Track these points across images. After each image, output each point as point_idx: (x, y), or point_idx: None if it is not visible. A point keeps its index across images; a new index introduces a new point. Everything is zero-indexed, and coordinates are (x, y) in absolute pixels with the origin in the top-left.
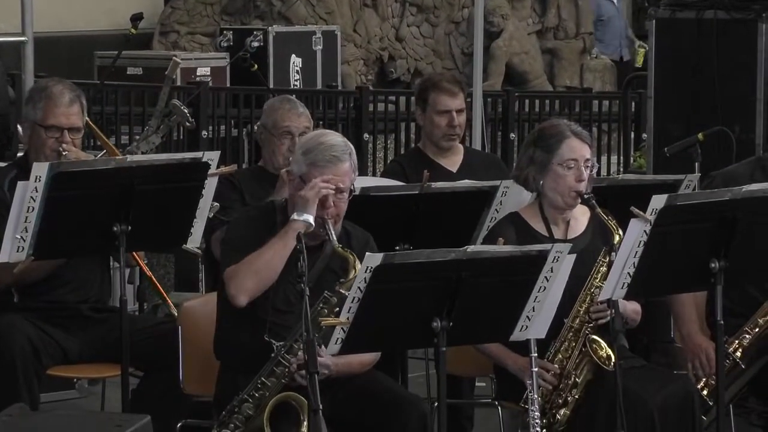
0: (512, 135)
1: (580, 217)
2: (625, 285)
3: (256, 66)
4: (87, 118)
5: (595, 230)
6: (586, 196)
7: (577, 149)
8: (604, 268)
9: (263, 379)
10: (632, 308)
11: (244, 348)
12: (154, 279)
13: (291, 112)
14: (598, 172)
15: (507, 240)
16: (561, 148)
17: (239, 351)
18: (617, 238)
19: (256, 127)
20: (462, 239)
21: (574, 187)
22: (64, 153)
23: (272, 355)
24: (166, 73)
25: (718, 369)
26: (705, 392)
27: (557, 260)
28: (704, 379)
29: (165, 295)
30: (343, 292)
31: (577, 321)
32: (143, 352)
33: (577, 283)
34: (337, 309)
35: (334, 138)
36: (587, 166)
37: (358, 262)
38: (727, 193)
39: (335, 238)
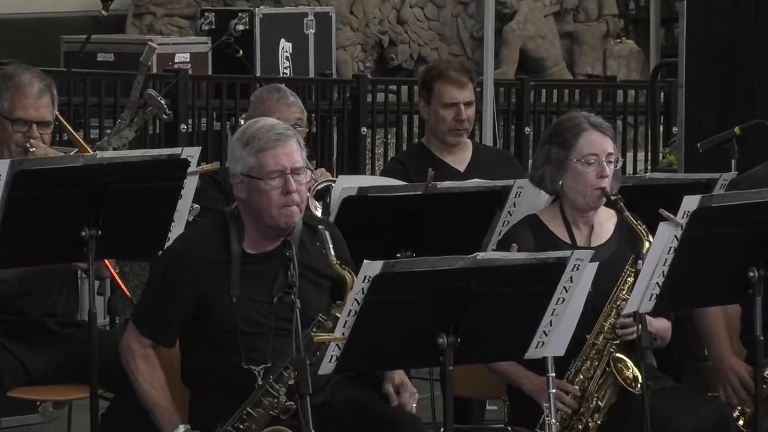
0: (527, 129)
1: (606, 223)
2: (653, 296)
3: (241, 52)
4: (57, 112)
5: (622, 237)
6: (613, 198)
7: (597, 142)
8: (631, 279)
9: (249, 409)
10: (661, 326)
11: (217, 376)
12: (126, 291)
13: (281, 102)
14: (623, 170)
15: (523, 246)
16: (579, 143)
17: (211, 379)
18: (647, 245)
19: (241, 120)
20: (471, 245)
21: (596, 183)
22: (31, 149)
23: (258, 383)
24: (140, 59)
25: (757, 395)
26: (741, 422)
27: (578, 269)
28: (739, 407)
29: (132, 299)
30: (339, 316)
31: (601, 337)
32: (114, 371)
33: (602, 296)
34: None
35: (270, 120)
36: (610, 161)
37: (355, 281)
38: None
39: (333, 252)
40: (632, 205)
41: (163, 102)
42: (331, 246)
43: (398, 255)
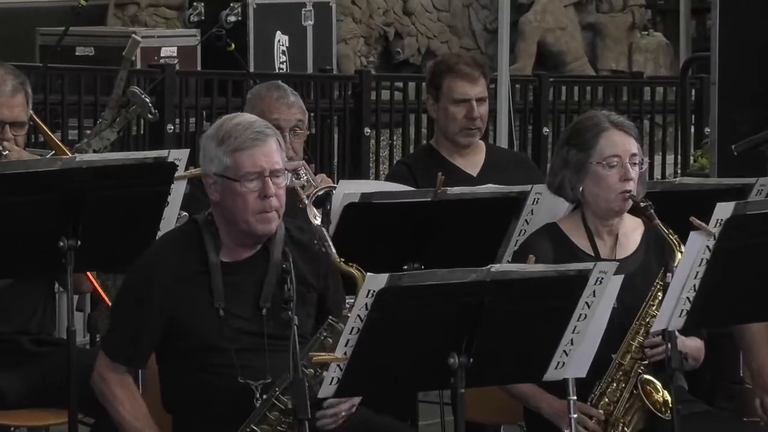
0: (545, 130)
1: (632, 233)
2: (684, 313)
3: (233, 45)
4: (31, 111)
5: (650, 248)
6: (642, 204)
7: (619, 143)
8: (660, 294)
9: (253, 426)
10: (693, 345)
11: (203, 396)
12: (105, 297)
13: (280, 102)
14: (651, 175)
15: (542, 257)
16: (599, 144)
17: (197, 400)
18: (679, 256)
19: None
20: (484, 257)
21: (620, 187)
22: (4, 152)
23: (261, 397)
24: (123, 54)
25: None
26: None
27: (601, 282)
28: None
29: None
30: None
31: (628, 357)
32: (93, 392)
33: (629, 312)
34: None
35: (247, 117)
36: (634, 163)
37: (364, 278)
38: None
39: (334, 250)
40: (660, 213)
41: (147, 100)
42: (330, 243)
43: (405, 267)
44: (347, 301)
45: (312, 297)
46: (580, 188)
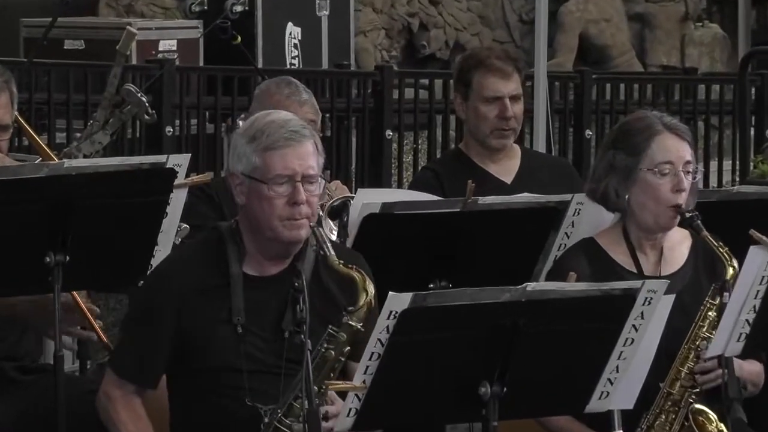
0: (588, 132)
1: (678, 246)
2: (743, 336)
3: (239, 38)
4: (16, 113)
5: (699, 262)
6: (687, 215)
7: (673, 148)
8: (712, 313)
9: None
10: (752, 370)
11: (214, 420)
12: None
13: (291, 99)
14: (706, 182)
15: (578, 277)
16: (650, 148)
17: (208, 425)
18: (730, 271)
19: (239, 121)
20: (520, 274)
21: (671, 199)
22: None
23: (264, 421)
24: (117, 47)
25: None
26: None
27: (649, 303)
28: None
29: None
30: (353, 324)
31: (677, 386)
32: (85, 425)
33: (676, 335)
34: (347, 348)
35: (284, 114)
36: (687, 171)
37: (368, 282)
38: None
39: (332, 251)
40: (716, 225)
41: (144, 99)
42: (329, 244)
43: (431, 286)
44: (347, 308)
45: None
46: (626, 197)
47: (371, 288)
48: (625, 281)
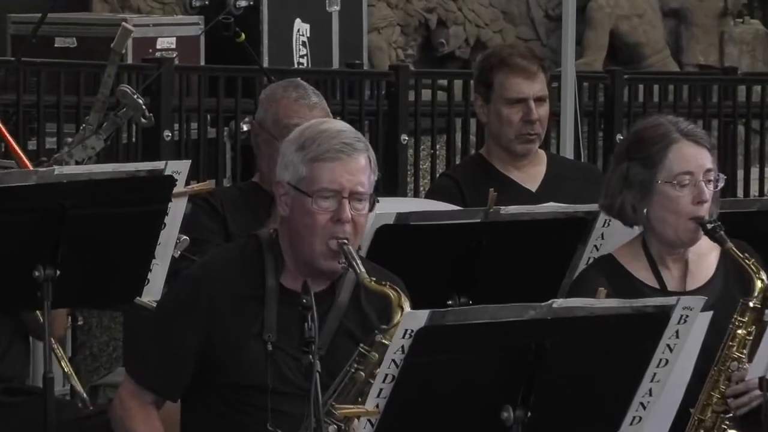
0: (619, 136)
1: (705, 256)
2: None
3: (243, 36)
4: None
5: (730, 273)
6: (709, 226)
7: (691, 157)
8: (742, 332)
9: None
10: None
11: None
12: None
13: (300, 103)
14: (746, 191)
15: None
16: (667, 159)
17: None
18: (759, 284)
19: (244, 126)
20: (545, 290)
21: (693, 212)
22: None
23: None
24: (111, 45)
25: None
26: None
27: (685, 321)
28: None
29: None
30: (387, 343)
31: (709, 411)
32: None
33: (707, 354)
34: (379, 370)
35: (339, 124)
36: (709, 180)
37: (404, 299)
38: None
39: (363, 269)
40: (755, 236)
41: (141, 101)
42: (359, 262)
43: (449, 302)
44: (381, 326)
45: None
46: (644, 211)
47: (407, 306)
48: (660, 298)
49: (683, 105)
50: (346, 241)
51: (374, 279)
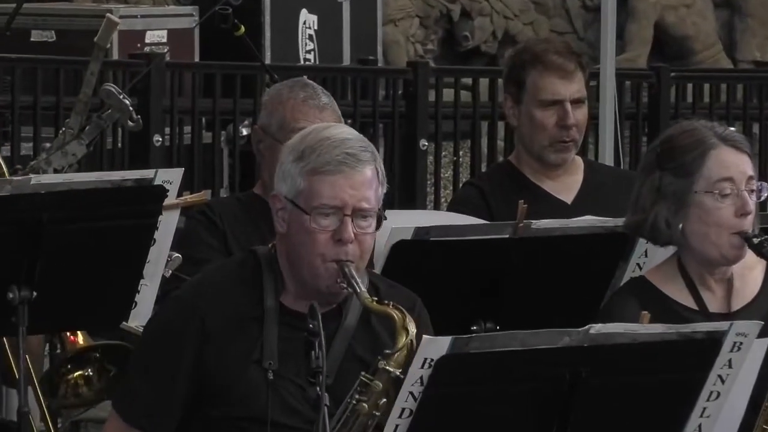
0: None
1: (749, 272)
2: None
3: (243, 28)
4: None
5: None
6: (756, 241)
7: (732, 163)
8: None
9: None
10: None
11: None
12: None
13: (308, 104)
14: None
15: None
16: (705, 166)
17: None
18: None
19: (244, 130)
20: (582, 314)
21: (736, 225)
22: None
23: None
24: (95, 39)
25: None
26: None
27: (739, 348)
28: None
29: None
30: (391, 370)
31: None
32: None
33: (761, 383)
34: (384, 400)
35: (344, 130)
36: (751, 189)
37: (409, 320)
38: None
39: (364, 288)
40: None
41: (128, 102)
42: (359, 281)
43: (474, 328)
44: (384, 351)
45: None
46: (680, 226)
47: (412, 327)
48: (710, 323)
49: (737, 106)
50: (349, 262)
51: (376, 299)
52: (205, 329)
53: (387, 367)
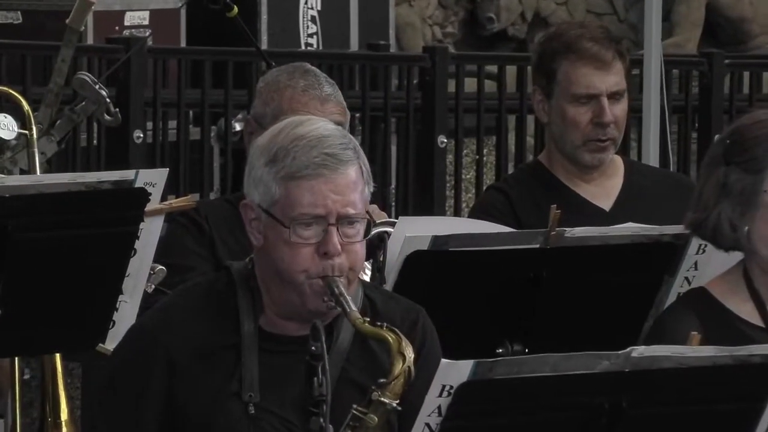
0: (718, 137)
1: None
2: None
3: (235, 9)
4: None
5: None
6: None
7: None
8: None
9: None
10: None
11: None
12: None
13: (309, 93)
14: None
15: (685, 340)
16: None
17: None
18: None
19: (237, 125)
20: (622, 334)
21: None
22: None
23: None
24: (67, 21)
25: None
26: None
27: None
28: None
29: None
30: (386, 402)
31: None
32: None
33: None
34: None
35: (320, 126)
36: None
37: (406, 344)
38: None
39: (355, 307)
40: None
41: (104, 93)
42: (349, 300)
43: (499, 351)
44: (377, 381)
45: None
46: (746, 229)
47: (409, 352)
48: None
49: None
50: (337, 276)
51: (368, 320)
52: (171, 364)
53: (382, 399)
